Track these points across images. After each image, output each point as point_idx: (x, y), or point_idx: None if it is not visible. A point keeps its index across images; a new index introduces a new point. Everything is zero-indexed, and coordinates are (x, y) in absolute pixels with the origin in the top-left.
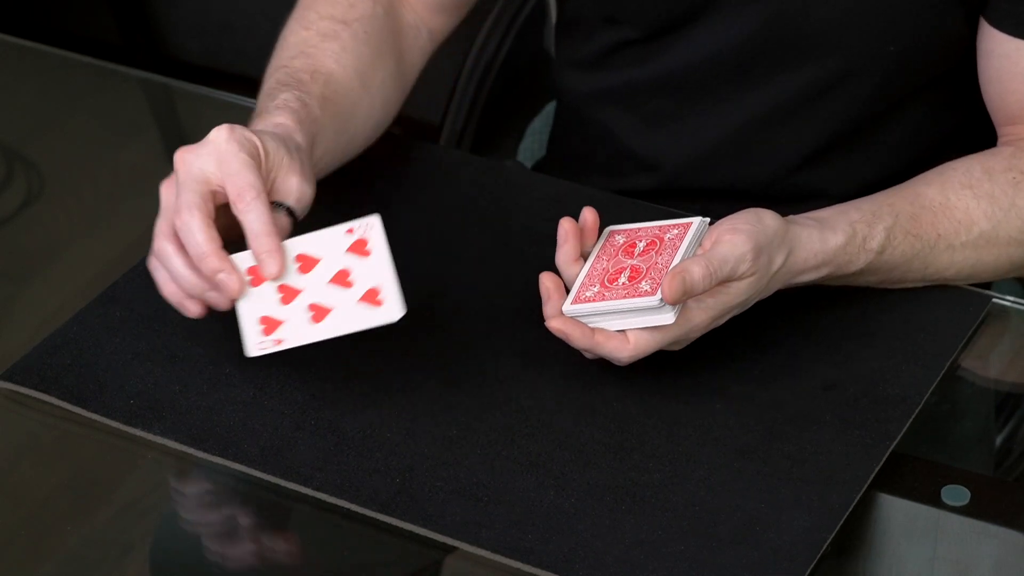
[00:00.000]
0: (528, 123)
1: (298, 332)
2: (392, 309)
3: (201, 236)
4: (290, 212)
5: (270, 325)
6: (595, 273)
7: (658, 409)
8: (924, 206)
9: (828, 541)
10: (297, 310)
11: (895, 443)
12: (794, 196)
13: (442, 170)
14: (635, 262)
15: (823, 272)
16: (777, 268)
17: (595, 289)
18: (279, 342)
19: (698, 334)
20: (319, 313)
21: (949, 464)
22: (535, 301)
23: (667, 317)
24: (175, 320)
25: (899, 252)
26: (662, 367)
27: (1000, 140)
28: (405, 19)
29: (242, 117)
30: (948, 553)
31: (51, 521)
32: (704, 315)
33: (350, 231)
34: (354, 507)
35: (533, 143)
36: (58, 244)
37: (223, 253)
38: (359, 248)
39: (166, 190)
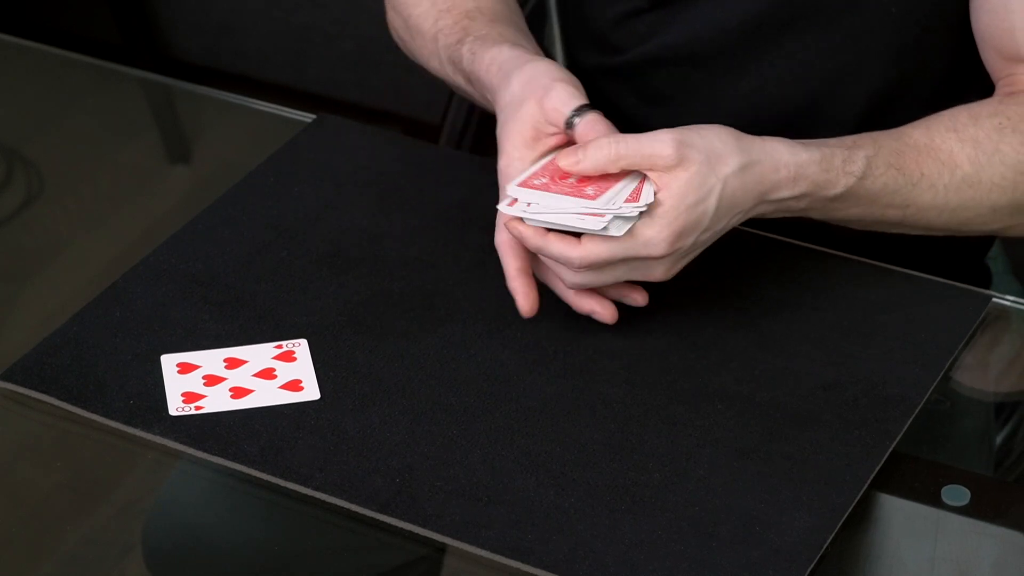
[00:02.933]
0: None
1: (217, 403)
2: (312, 392)
3: (506, 262)
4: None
5: (190, 398)
6: (549, 167)
7: (658, 409)
8: (908, 144)
9: (828, 541)
10: (219, 390)
11: (895, 443)
12: None
13: (442, 169)
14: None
15: (800, 188)
16: (731, 172)
17: (544, 180)
18: (199, 408)
19: (658, 250)
20: (239, 393)
21: (949, 464)
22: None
23: (607, 226)
24: (175, 320)
25: (880, 183)
26: (662, 367)
27: (996, 91)
28: None
29: (241, 117)
30: (948, 553)
31: (51, 521)
32: (654, 229)
33: (278, 346)
34: (354, 507)
35: None
36: (58, 244)
37: (522, 278)
38: (286, 357)
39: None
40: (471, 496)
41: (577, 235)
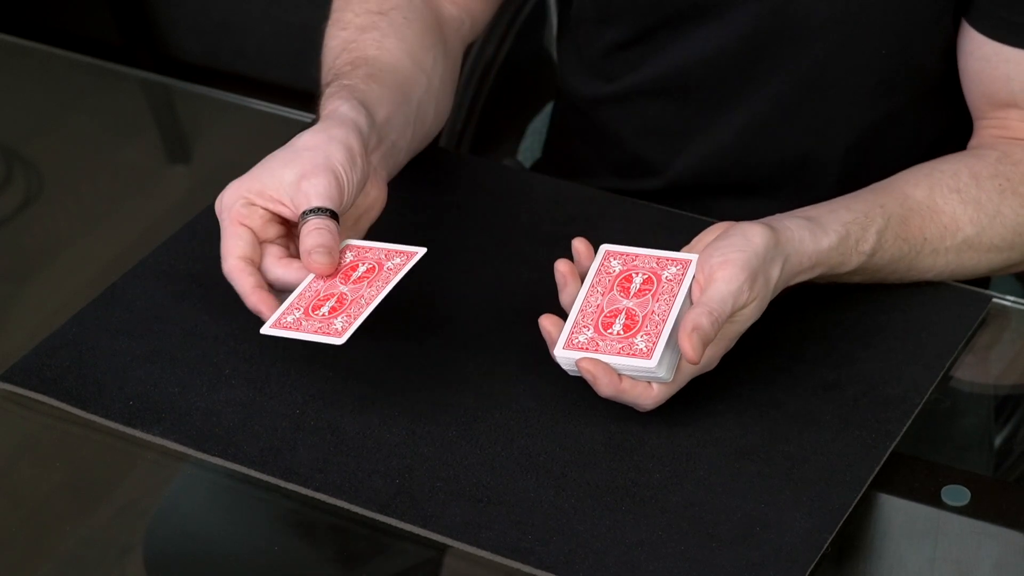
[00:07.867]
0: (528, 123)
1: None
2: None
3: (240, 284)
4: (328, 212)
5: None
6: (588, 311)
7: (658, 409)
8: (912, 208)
9: (828, 542)
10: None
11: (895, 443)
12: (798, 189)
13: (442, 170)
14: (631, 304)
15: (816, 272)
16: (776, 280)
17: (588, 334)
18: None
19: (716, 363)
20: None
21: (949, 464)
22: (535, 301)
23: (666, 377)
24: (174, 321)
25: (888, 255)
26: None
27: (979, 128)
28: (445, 10)
29: (241, 117)
30: (948, 553)
31: (51, 521)
32: (716, 348)
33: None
34: (354, 508)
35: (533, 143)
36: (58, 244)
37: (259, 293)
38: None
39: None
40: (471, 497)
41: None
